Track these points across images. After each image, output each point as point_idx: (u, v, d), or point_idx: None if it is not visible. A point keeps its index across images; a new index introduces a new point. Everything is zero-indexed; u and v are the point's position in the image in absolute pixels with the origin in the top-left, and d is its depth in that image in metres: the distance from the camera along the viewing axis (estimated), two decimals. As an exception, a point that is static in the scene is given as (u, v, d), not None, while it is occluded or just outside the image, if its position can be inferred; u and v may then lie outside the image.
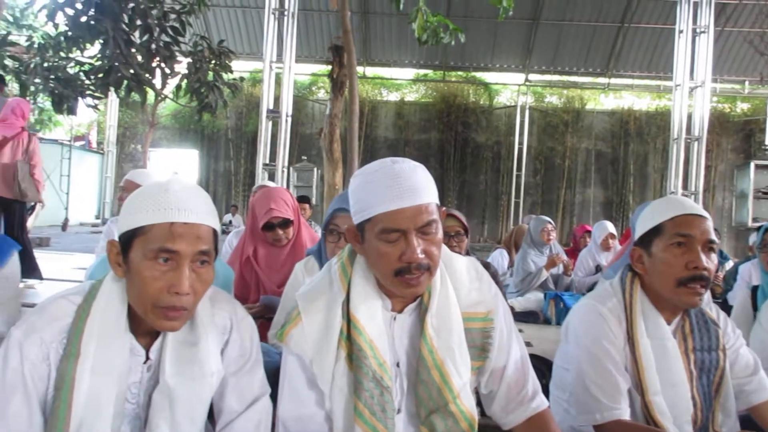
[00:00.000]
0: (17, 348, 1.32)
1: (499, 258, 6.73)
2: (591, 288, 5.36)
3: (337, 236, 2.54)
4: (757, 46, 9.96)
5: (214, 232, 1.42)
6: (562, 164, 17.72)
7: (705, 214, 1.79)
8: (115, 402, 1.36)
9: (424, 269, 1.40)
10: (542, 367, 3.82)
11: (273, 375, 2.16)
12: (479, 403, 1.63)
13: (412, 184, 1.40)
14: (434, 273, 1.45)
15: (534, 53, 17.19)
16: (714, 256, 1.75)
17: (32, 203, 6.13)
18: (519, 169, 17.36)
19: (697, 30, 10.69)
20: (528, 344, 4.88)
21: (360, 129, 16.76)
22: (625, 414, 1.73)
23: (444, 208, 1.51)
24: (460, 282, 1.56)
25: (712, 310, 1.92)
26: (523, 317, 5.62)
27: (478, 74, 18.42)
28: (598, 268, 5.77)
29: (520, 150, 17.38)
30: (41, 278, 5.75)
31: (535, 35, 16.65)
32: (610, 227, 5.95)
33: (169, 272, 1.33)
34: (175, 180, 1.41)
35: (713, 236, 1.75)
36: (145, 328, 1.43)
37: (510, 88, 18.50)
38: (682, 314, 1.85)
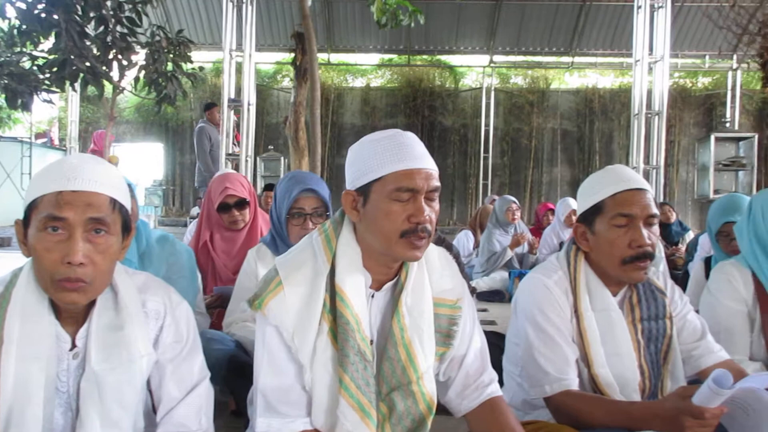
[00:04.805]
0: None
1: (464, 239, 6.81)
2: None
3: (302, 219, 2.51)
4: (715, 21, 10.02)
5: (115, 202, 1.36)
6: (529, 144, 17.77)
7: (645, 185, 1.81)
8: (45, 388, 1.33)
9: (428, 234, 1.42)
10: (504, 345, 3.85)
11: (227, 362, 2.14)
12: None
13: (423, 151, 1.46)
14: (430, 242, 1.47)
15: (498, 34, 17.18)
16: (655, 228, 1.79)
17: None
18: (486, 151, 17.36)
19: (655, 5, 10.76)
20: (492, 323, 4.97)
21: (326, 116, 16.64)
22: (574, 384, 1.75)
23: None
24: (432, 267, 1.58)
25: (660, 278, 1.94)
26: (488, 296, 5.68)
27: (443, 57, 18.36)
28: (562, 245, 5.82)
29: (487, 132, 17.38)
30: None
31: (498, 16, 16.64)
32: (573, 204, 5.99)
33: (61, 243, 1.29)
34: (75, 155, 1.38)
35: (654, 210, 1.77)
36: (69, 314, 1.40)
37: (475, 70, 18.45)
38: (629, 285, 1.87)
